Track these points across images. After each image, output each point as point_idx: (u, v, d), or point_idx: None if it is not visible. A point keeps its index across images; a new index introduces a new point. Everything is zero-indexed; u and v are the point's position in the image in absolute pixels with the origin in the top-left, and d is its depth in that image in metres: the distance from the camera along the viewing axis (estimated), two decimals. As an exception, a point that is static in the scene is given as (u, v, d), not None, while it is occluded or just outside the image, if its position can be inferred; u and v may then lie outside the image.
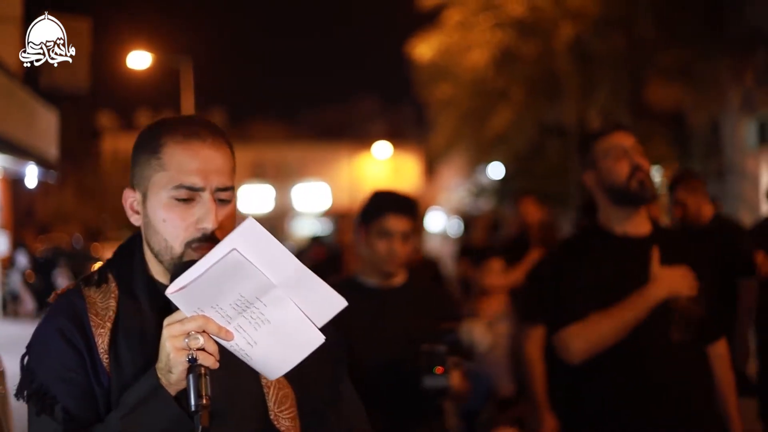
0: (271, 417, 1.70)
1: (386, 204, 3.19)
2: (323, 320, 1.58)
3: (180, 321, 1.52)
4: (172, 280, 1.54)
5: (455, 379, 3.02)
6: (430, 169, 38.71)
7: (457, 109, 20.85)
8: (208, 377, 1.51)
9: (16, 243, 19.66)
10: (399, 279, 3.27)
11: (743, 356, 4.98)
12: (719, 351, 2.96)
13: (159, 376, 1.54)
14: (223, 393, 1.63)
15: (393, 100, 74.40)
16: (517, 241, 6.71)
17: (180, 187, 1.63)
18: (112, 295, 1.68)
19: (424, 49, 20.47)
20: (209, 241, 1.62)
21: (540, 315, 3.18)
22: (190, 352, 1.50)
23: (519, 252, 6.36)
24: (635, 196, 2.86)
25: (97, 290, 1.69)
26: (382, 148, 40.34)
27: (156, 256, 1.68)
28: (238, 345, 1.57)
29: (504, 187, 22.79)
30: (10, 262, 17.85)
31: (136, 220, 1.72)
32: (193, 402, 1.50)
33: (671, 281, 2.78)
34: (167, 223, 1.64)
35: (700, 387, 2.86)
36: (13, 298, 17.63)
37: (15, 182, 19.84)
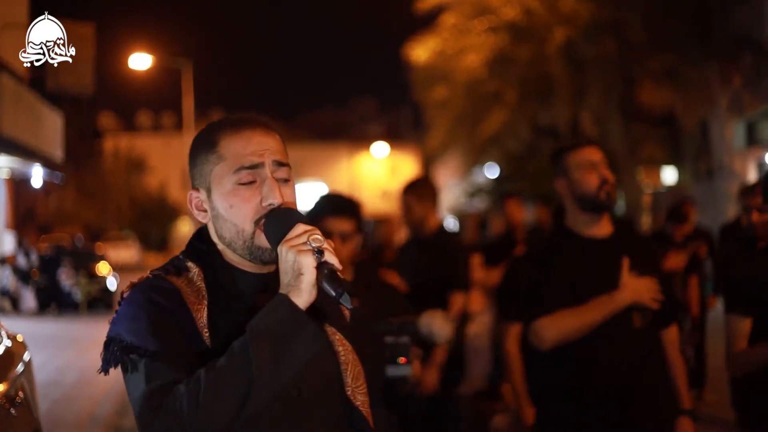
0: (348, 393, 1.75)
1: (325, 207, 3.42)
2: None
3: (297, 235, 1.62)
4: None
5: (416, 368, 3.31)
6: (427, 169, 38.82)
7: (452, 110, 21.06)
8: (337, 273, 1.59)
9: (19, 243, 19.79)
10: (345, 276, 3.52)
11: None
12: (671, 336, 3.32)
13: (285, 292, 1.59)
14: (301, 373, 1.65)
15: (390, 102, 74.65)
16: (503, 240, 6.96)
17: (240, 169, 1.69)
18: (199, 279, 1.72)
19: (421, 52, 20.73)
20: None
21: (516, 312, 3.37)
22: (316, 247, 1.59)
23: (504, 250, 6.54)
24: (602, 204, 3.21)
25: (180, 277, 1.71)
26: (380, 149, 40.50)
27: (229, 245, 1.73)
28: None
29: (499, 187, 22.98)
30: (15, 261, 17.92)
31: (203, 217, 1.76)
32: (333, 289, 1.58)
33: (638, 291, 3.13)
34: (234, 208, 1.69)
35: (656, 367, 3.21)
36: (1, 294, 17.67)
37: (17, 183, 19.99)
